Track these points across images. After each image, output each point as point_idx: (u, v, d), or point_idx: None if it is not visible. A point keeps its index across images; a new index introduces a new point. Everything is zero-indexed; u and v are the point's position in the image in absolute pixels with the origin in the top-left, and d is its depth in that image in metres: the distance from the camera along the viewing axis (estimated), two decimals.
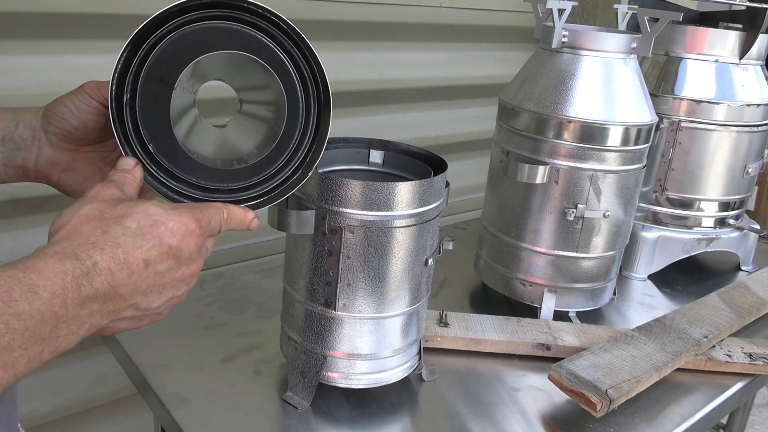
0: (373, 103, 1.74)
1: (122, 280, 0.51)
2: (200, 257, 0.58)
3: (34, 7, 1.17)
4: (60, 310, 0.46)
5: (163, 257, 0.53)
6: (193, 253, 0.56)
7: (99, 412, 1.46)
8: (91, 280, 0.48)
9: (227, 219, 0.61)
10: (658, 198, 1.32)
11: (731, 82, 1.25)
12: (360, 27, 1.64)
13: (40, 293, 0.45)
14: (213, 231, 0.59)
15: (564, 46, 1.03)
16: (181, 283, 0.57)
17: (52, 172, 0.67)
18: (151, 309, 0.55)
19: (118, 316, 0.52)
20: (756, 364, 0.99)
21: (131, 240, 0.51)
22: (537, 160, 1.04)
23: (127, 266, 0.51)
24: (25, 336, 0.44)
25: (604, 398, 0.83)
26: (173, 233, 0.54)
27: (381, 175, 0.90)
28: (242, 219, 0.63)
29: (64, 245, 0.49)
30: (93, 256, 0.49)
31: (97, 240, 0.50)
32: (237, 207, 0.62)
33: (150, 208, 0.54)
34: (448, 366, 0.96)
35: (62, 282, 0.47)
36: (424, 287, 0.84)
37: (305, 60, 0.64)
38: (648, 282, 1.32)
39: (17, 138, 0.66)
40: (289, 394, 0.84)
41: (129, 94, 0.60)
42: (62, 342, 0.48)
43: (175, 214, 0.55)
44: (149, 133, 0.61)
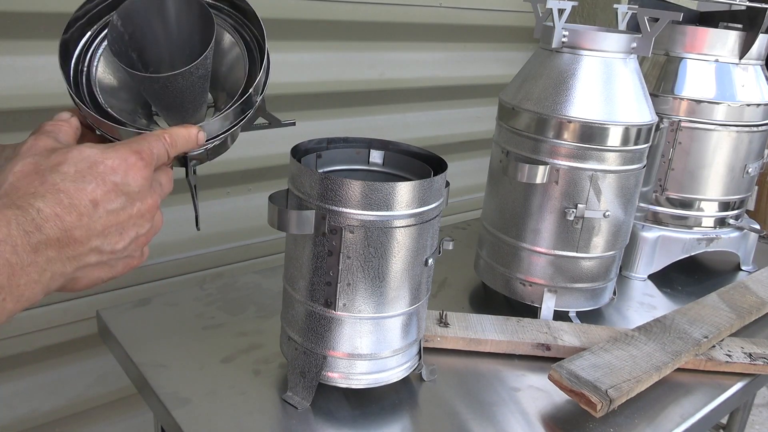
0: (373, 103, 1.74)
1: (72, 223, 0.50)
2: (153, 191, 0.57)
3: (34, 7, 1.17)
4: (12, 257, 0.46)
5: (110, 195, 0.53)
6: (143, 187, 0.55)
7: (99, 412, 1.46)
8: (38, 226, 0.48)
9: (171, 141, 0.60)
10: (658, 198, 1.32)
11: (731, 82, 1.25)
12: (360, 27, 1.64)
13: None
14: (159, 160, 0.58)
15: (564, 46, 1.03)
16: (142, 220, 0.56)
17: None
18: (117, 251, 0.54)
19: (81, 263, 0.52)
20: (756, 364, 0.99)
21: (72, 184, 0.51)
22: (537, 160, 1.04)
23: (74, 209, 0.50)
24: None
25: (604, 398, 0.83)
26: (114, 170, 0.53)
27: (381, 175, 0.90)
28: (187, 136, 0.61)
29: (4, 201, 0.49)
30: (35, 204, 0.49)
31: (37, 190, 0.50)
32: (178, 127, 0.61)
33: (85, 150, 0.53)
34: (448, 366, 0.96)
35: (7, 230, 0.46)
36: (424, 287, 0.84)
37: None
38: (648, 282, 1.32)
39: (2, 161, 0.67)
40: (289, 394, 0.84)
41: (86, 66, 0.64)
42: (25, 291, 0.47)
43: (112, 152, 0.54)
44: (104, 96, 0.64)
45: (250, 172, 1.53)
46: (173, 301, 1.08)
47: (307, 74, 1.56)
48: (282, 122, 0.75)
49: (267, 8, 1.44)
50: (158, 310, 1.05)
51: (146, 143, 0.57)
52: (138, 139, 0.57)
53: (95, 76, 0.66)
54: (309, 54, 1.54)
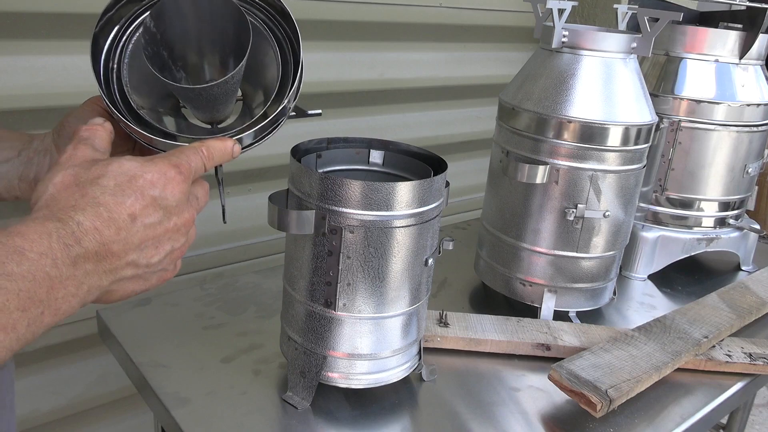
0: (373, 103, 1.74)
1: (111, 237, 0.50)
2: (190, 205, 0.57)
3: (34, 7, 1.16)
4: (52, 270, 0.46)
5: (149, 209, 0.53)
6: (181, 201, 0.56)
7: (99, 412, 1.46)
8: (78, 239, 0.48)
9: (208, 155, 0.60)
10: (658, 198, 1.32)
11: (731, 82, 1.25)
12: (360, 27, 1.64)
13: (27, 254, 0.45)
14: (196, 173, 0.58)
15: (564, 46, 1.03)
16: (177, 234, 0.56)
17: None
18: (152, 265, 0.55)
19: (117, 276, 0.52)
20: (756, 364, 0.99)
21: (111, 197, 0.51)
22: (537, 160, 1.04)
23: (113, 223, 0.50)
24: (20, 297, 0.44)
25: (604, 398, 0.83)
26: (153, 184, 0.53)
27: (381, 175, 0.90)
28: (223, 149, 0.62)
29: (44, 212, 0.49)
30: (75, 217, 0.49)
31: (77, 202, 0.50)
32: (214, 139, 0.61)
33: (125, 164, 0.53)
34: (448, 366, 0.96)
35: (48, 242, 0.46)
36: (424, 287, 0.84)
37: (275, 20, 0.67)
38: (648, 282, 1.32)
39: (31, 153, 0.68)
40: (289, 394, 0.84)
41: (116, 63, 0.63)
42: (62, 304, 0.47)
43: (151, 165, 0.54)
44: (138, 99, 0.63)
45: (250, 172, 1.53)
46: (173, 301, 1.08)
47: (307, 74, 1.55)
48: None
49: None
50: (158, 310, 1.05)
51: (185, 157, 0.57)
52: (176, 153, 0.57)
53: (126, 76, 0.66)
54: (309, 54, 1.54)
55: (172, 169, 0.55)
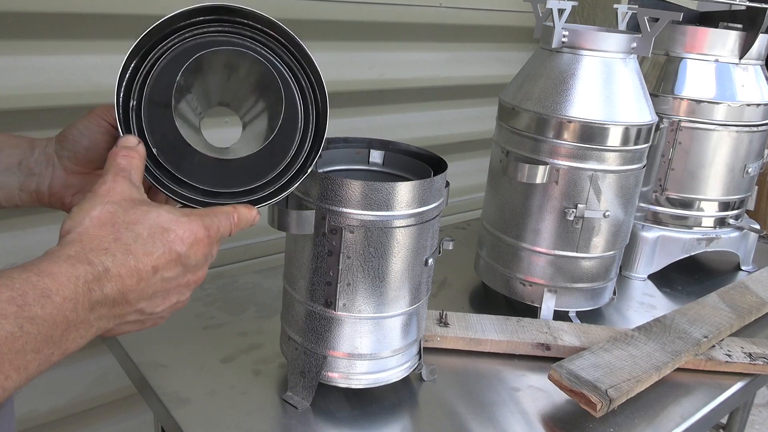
0: (373, 103, 1.74)
1: (131, 286, 0.51)
2: (206, 264, 0.59)
3: (34, 7, 1.16)
4: (71, 314, 0.47)
5: (171, 264, 0.54)
6: (200, 261, 0.57)
7: (99, 412, 1.46)
8: (102, 285, 0.49)
9: (237, 222, 0.61)
10: (658, 198, 1.32)
11: (731, 82, 1.25)
12: (360, 27, 1.64)
13: (53, 297, 0.46)
14: (222, 237, 0.59)
15: (564, 46, 1.03)
16: (186, 289, 0.58)
17: (64, 195, 0.68)
18: (155, 313, 0.56)
19: (123, 320, 0.53)
20: (756, 364, 0.99)
21: (141, 247, 0.52)
22: (537, 160, 1.04)
23: (136, 273, 0.51)
24: (37, 339, 0.45)
25: (604, 398, 0.83)
26: (182, 241, 0.54)
27: (381, 175, 0.90)
28: (249, 218, 0.63)
29: (77, 248, 0.50)
30: (105, 262, 0.50)
31: (110, 246, 0.51)
32: (244, 207, 0.63)
33: (162, 215, 0.54)
34: (448, 366, 0.96)
35: (74, 287, 0.47)
36: (424, 287, 0.84)
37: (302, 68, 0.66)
38: (648, 282, 1.32)
39: (32, 164, 0.67)
40: (289, 394, 0.84)
41: (135, 101, 0.61)
42: (71, 345, 0.49)
43: (185, 222, 0.55)
44: (154, 139, 0.61)
45: None
46: None
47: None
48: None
49: (268, 9, 1.44)
50: None
51: (217, 220, 0.58)
52: (210, 213, 0.58)
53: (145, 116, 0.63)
54: None
55: (203, 230, 0.56)
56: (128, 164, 0.58)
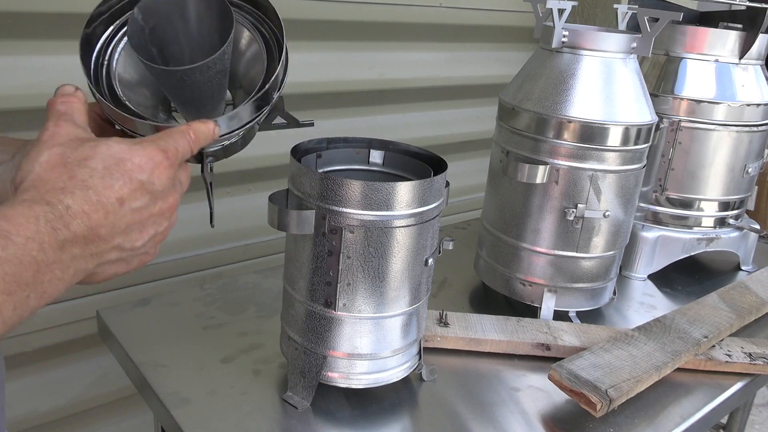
0: (373, 103, 1.74)
1: (99, 221, 0.50)
2: (175, 190, 0.57)
3: (34, 7, 1.16)
4: (39, 254, 0.46)
5: (136, 193, 0.53)
6: (167, 186, 0.56)
7: (99, 412, 1.46)
8: (66, 223, 0.48)
9: (195, 138, 0.59)
10: (658, 198, 1.32)
11: (731, 82, 1.25)
12: (360, 27, 1.64)
13: (13, 238, 0.45)
14: (182, 157, 0.58)
15: (564, 46, 1.03)
16: (161, 218, 0.56)
17: None
18: (136, 249, 0.55)
19: (103, 259, 0.52)
20: (756, 364, 0.99)
21: (100, 180, 0.51)
22: (537, 160, 1.04)
23: (101, 207, 0.50)
24: (5, 281, 0.44)
25: (604, 398, 0.83)
26: (141, 168, 0.53)
27: (381, 175, 0.90)
28: (207, 131, 0.61)
29: (32, 193, 0.49)
30: (64, 200, 0.49)
31: (66, 185, 0.50)
32: (197, 122, 0.61)
33: (113, 146, 0.53)
34: (448, 366, 0.96)
35: (35, 227, 0.46)
36: (424, 287, 0.84)
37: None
38: (648, 282, 1.32)
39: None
40: (289, 394, 0.84)
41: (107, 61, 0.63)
42: (48, 288, 0.48)
43: (139, 149, 0.54)
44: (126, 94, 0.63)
45: (250, 172, 1.53)
46: (173, 301, 1.08)
47: (307, 74, 1.56)
48: (300, 122, 0.75)
49: None
50: (158, 310, 1.05)
51: (172, 141, 0.57)
52: (164, 136, 0.57)
53: (115, 71, 0.66)
54: (309, 54, 1.54)
55: (160, 153, 0.55)
56: (68, 108, 0.56)
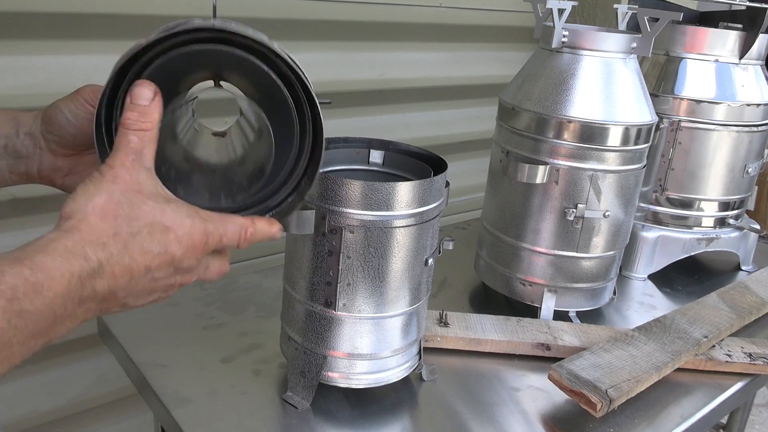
0: (373, 103, 1.74)
1: (122, 285, 0.51)
2: (197, 271, 0.57)
3: (34, 7, 1.16)
4: (60, 308, 0.47)
5: (164, 266, 0.53)
6: (192, 265, 0.56)
7: (99, 412, 1.46)
8: (94, 282, 0.49)
9: (250, 237, 0.58)
10: (658, 198, 1.32)
11: (731, 82, 1.25)
12: (360, 27, 1.64)
13: (45, 293, 0.46)
14: (226, 246, 0.57)
15: (564, 46, 1.03)
16: (171, 289, 0.57)
17: (55, 177, 0.68)
18: (136, 306, 0.56)
19: (106, 312, 0.54)
20: (756, 364, 0.99)
21: (139, 245, 0.51)
22: (537, 160, 1.04)
23: (129, 272, 0.51)
24: (24, 333, 0.45)
25: (604, 398, 0.83)
26: (180, 243, 0.53)
27: (381, 175, 0.90)
28: (269, 234, 0.60)
29: (75, 239, 0.49)
30: (101, 258, 0.49)
31: (108, 241, 0.50)
32: (263, 221, 0.60)
33: (167, 213, 0.53)
34: (448, 366, 0.96)
35: (68, 284, 0.47)
36: (424, 287, 0.84)
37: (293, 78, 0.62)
38: (648, 282, 1.32)
39: (19, 146, 0.65)
40: (289, 394, 0.84)
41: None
42: (54, 335, 0.49)
43: (187, 224, 0.54)
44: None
45: None
46: (173, 301, 1.08)
47: (307, 74, 1.56)
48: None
49: (267, 8, 1.44)
50: (158, 310, 1.05)
51: (222, 229, 0.56)
52: (216, 220, 0.56)
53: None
54: (309, 54, 1.54)
55: (202, 236, 0.54)
56: (140, 142, 0.53)
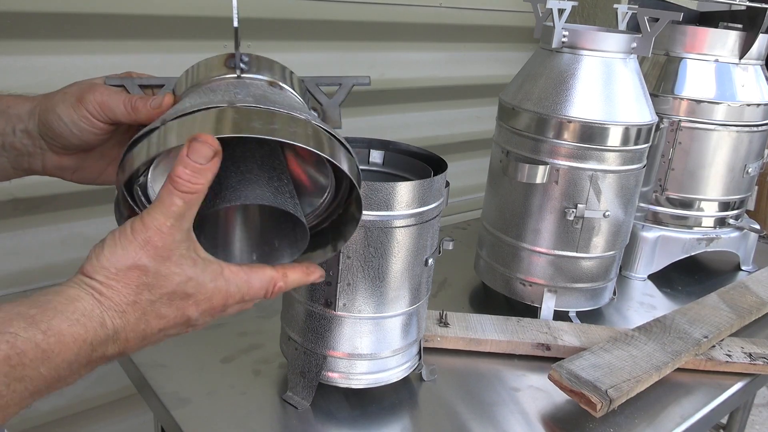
0: (373, 103, 1.74)
1: (133, 347, 0.50)
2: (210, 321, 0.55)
3: (34, 7, 1.17)
4: (65, 372, 0.46)
5: (178, 326, 0.52)
6: (207, 321, 0.54)
7: (99, 412, 1.46)
8: (105, 347, 0.48)
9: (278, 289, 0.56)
10: (658, 198, 1.32)
11: (731, 82, 1.25)
12: (360, 27, 1.64)
13: (53, 359, 0.45)
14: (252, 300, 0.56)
15: (564, 46, 1.03)
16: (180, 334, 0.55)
17: (63, 174, 0.65)
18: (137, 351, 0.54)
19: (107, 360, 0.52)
20: (756, 364, 0.99)
21: (157, 311, 0.50)
22: (537, 160, 1.04)
23: (142, 335, 0.50)
24: (23, 395, 0.44)
25: (604, 398, 0.83)
26: (197, 306, 0.52)
27: (381, 175, 0.90)
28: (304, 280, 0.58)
29: (94, 304, 0.47)
30: (116, 324, 0.48)
31: (127, 309, 0.48)
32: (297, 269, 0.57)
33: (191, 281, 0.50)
34: (448, 366, 0.96)
35: (78, 350, 0.46)
36: (424, 287, 0.84)
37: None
38: (648, 282, 1.32)
39: (18, 145, 0.63)
40: (289, 394, 0.84)
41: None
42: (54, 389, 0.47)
43: (210, 288, 0.52)
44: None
45: None
46: None
47: (307, 74, 1.56)
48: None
49: (267, 8, 1.44)
50: None
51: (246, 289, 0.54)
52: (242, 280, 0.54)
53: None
54: (309, 54, 1.54)
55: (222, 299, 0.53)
56: (185, 206, 0.48)
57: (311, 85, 0.66)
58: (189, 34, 1.36)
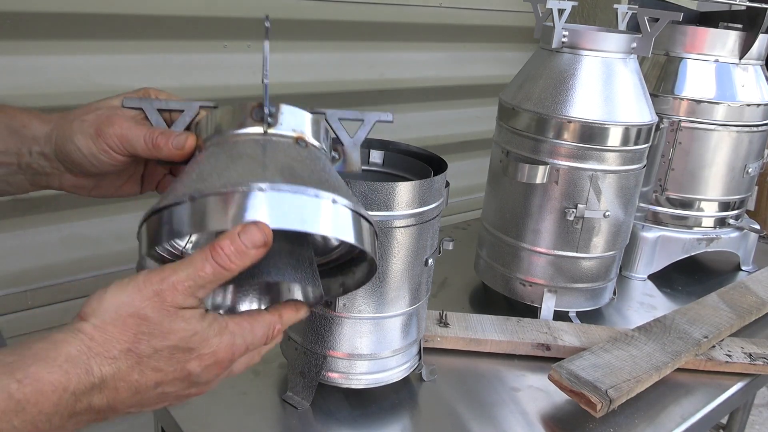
0: (373, 103, 1.74)
1: (124, 399, 0.47)
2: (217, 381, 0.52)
3: (34, 7, 1.17)
4: (44, 425, 0.43)
5: (177, 382, 0.49)
6: (211, 379, 0.51)
7: None
8: (91, 397, 0.44)
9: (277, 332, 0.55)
10: (658, 198, 1.32)
11: (731, 82, 1.25)
12: (360, 27, 1.64)
13: (29, 410, 0.41)
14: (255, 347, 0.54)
15: (564, 46, 1.03)
16: (178, 401, 0.52)
17: (80, 191, 0.64)
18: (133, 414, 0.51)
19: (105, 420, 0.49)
20: (756, 364, 0.99)
21: (154, 363, 0.46)
22: (537, 160, 1.04)
23: (135, 387, 0.46)
24: None
25: (604, 398, 0.83)
26: (200, 361, 0.49)
27: (381, 175, 0.90)
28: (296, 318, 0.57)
29: (81, 348, 0.44)
30: (105, 372, 0.45)
31: (118, 356, 0.45)
32: (288, 309, 0.56)
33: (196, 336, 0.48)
34: (448, 366, 0.96)
35: (58, 399, 0.42)
36: (424, 287, 0.84)
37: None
38: (648, 282, 1.32)
39: (36, 165, 0.62)
40: (289, 394, 0.84)
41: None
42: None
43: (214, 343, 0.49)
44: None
45: None
46: None
47: (307, 74, 1.56)
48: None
49: (267, 8, 1.44)
50: None
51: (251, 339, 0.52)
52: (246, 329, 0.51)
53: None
54: (309, 54, 1.54)
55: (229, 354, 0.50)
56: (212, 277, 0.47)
57: (333, 120, 0.66)
58: (189, 34, 1.36)
